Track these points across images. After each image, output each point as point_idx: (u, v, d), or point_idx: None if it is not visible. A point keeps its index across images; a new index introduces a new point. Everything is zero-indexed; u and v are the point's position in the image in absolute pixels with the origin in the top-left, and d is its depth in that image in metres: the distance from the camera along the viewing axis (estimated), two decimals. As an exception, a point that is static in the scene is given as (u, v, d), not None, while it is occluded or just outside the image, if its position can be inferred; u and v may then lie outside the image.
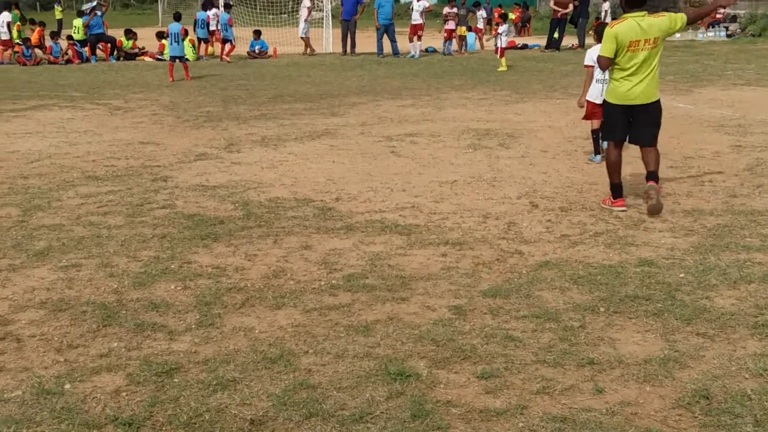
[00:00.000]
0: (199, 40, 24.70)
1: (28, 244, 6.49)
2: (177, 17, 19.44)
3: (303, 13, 25.59)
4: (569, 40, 26.84)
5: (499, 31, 20.96)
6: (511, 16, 31.25)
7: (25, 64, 22.58)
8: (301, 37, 25.88)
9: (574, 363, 4.36)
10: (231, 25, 24.41)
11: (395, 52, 25.06)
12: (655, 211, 7.18)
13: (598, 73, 8.91)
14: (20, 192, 8.21)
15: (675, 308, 5.06)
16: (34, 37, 24.23)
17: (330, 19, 28.30)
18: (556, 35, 26.14)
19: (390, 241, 6.57)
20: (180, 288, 5.53)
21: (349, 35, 25.31)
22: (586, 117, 9.45)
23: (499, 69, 20.29)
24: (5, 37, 23.90)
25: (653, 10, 7.97)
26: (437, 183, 8.52)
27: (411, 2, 27.02)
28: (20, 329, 4.86)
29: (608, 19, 28.35)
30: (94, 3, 26.04)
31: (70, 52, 23.58)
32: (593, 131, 9.35)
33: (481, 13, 28.21)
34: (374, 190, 8.27)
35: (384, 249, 6.36)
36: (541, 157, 9.76)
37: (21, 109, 13.92)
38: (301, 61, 23.45)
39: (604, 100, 7.64)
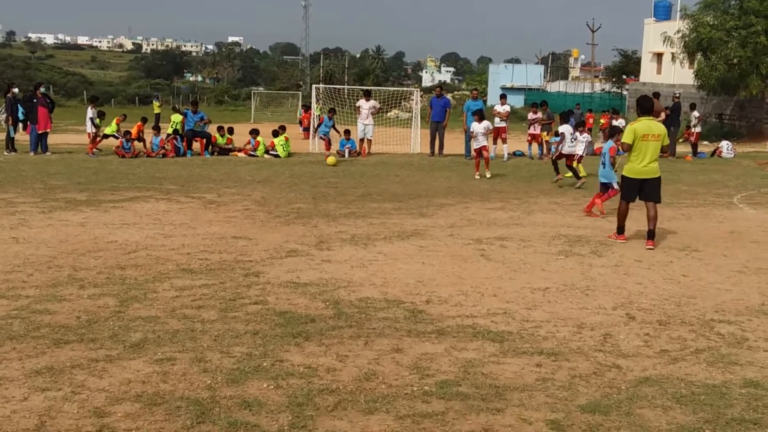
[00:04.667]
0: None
1: (124, 335, 6.59)
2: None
3: (366, 113, 25.63)
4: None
5: (550, 141, 22.57)
6: (601, 121, 31.31)
7: (123, 156, 23.41)
8: (368, 139, 26.04)
9: (681, 489, 4.16)
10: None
11: (483, 155, 25.24)
12: None
13: (568, 141, 17.26)
14: (117, 282, 8.39)
15: (787, 435, 4.82)
16: (134, 131, 25.17)
17: (419, 119, 28.79)
18: None
19: (482, 347, 6.47)
20: (272, 387, 5.51)
21: (437, 136, 25.59)
22: (558, 156, 17.73)
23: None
24: (90, 130, 24.63)
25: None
26: (529, 289, 8.40)
27: (494, 105, 27.34)
28: (116, 422, 4.89)
29: (698, 129, 28.21)
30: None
31: (168, 145, 24.40)
32: (567, 166, 17.57)
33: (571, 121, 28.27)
34: (465, 294, 8.20)
35: (477, 356, 6.25)
36: (635, 267, 9.57)
37: (119, 200, 14.35)
38: (389, 161, 23.76)
39: (623, 175, 11.07)
